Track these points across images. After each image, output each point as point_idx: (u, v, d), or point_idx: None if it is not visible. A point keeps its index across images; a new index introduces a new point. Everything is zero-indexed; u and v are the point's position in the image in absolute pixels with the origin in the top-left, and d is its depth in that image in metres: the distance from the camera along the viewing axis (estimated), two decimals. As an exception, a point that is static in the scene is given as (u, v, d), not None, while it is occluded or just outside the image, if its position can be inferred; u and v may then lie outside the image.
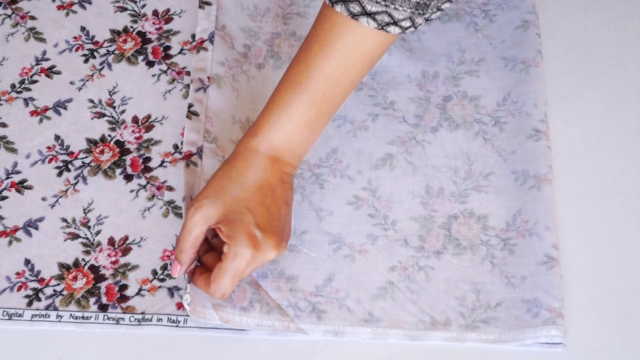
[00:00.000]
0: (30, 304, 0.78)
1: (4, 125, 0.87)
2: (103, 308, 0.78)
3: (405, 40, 0.91)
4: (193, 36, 0.92)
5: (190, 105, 0.86)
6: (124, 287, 0.79)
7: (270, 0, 0.94)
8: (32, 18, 0.93)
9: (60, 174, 0.84)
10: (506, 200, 0.82)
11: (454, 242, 0.81)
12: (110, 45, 0.92)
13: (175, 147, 0.86)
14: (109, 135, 0.87)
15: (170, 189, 0.84)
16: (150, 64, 0.91)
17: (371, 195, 0.83)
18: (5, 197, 0.83)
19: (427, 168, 0.84)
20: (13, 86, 0.89)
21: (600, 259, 0.80)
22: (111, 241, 0.81)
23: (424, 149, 0.85)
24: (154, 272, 0.79)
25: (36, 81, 0.89)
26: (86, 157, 0.85)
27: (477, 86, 0.88)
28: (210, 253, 0.77)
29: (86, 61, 0.91)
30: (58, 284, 0.79)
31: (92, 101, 0.89)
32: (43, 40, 0.92)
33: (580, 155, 0.86)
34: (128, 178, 0.84)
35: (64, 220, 0.82)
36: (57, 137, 0.86)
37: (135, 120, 0.88)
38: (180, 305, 0.77)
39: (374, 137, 0.86)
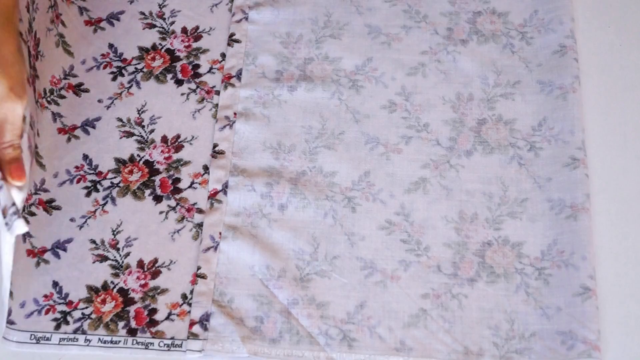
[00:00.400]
0: (58, 327, 0.77)
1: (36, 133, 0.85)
2: (132, 332, 0.77)
3: (440, 61, 0.89)
4: (222, 55, 0.91)
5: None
6: (153, 311, 0.78)
7: (303, 26, 0.92)
8: (63, 24, 0.91)
9: (88, 194, 0.83)
10: (541, 229, 0.81)
11: (487, 270, 0.79)
12: (139, 63, 0.91)
13: (205, 167, 0.85)
14: (138, 155, 0.86)
15: (200, 211, 0.83)
16: (179, 82, 0.89)
17: (404, 219, 0.82)
18: (33, 214, 0.82)
19: (461, 193, 0.83)
20: (45, 92, 0.87)
21: (639, 290, 0.79)
22: (140, 264, 0.80)
23: (457, 172, 0.84)
24: (184, 296, 0.79)
25: (64, 97, 0.88)
26: (115, 177, 0.84)
27: (512, 109, 0.87)
28: None
29: (114, 79, 0.89)
30: (86, 307, 0.78)
31: (120, 120, 0.87)
32: (71, 53, 0.90)
33: (618, 183, 0.84)
34: (157, 199, 0.83)
35: (93, 241, 0.81)
36: (85, 157, 0.85)
37: (164, 139, 0.86)
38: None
39: (407, 160, 0.85)
